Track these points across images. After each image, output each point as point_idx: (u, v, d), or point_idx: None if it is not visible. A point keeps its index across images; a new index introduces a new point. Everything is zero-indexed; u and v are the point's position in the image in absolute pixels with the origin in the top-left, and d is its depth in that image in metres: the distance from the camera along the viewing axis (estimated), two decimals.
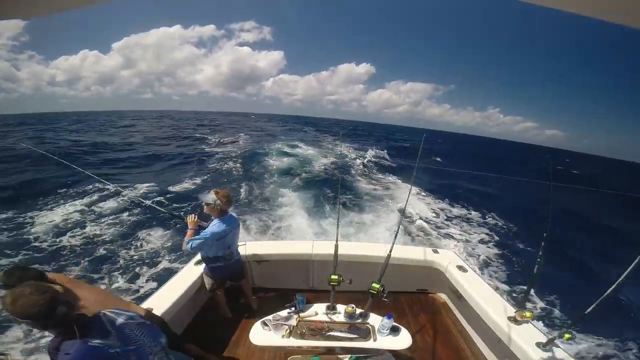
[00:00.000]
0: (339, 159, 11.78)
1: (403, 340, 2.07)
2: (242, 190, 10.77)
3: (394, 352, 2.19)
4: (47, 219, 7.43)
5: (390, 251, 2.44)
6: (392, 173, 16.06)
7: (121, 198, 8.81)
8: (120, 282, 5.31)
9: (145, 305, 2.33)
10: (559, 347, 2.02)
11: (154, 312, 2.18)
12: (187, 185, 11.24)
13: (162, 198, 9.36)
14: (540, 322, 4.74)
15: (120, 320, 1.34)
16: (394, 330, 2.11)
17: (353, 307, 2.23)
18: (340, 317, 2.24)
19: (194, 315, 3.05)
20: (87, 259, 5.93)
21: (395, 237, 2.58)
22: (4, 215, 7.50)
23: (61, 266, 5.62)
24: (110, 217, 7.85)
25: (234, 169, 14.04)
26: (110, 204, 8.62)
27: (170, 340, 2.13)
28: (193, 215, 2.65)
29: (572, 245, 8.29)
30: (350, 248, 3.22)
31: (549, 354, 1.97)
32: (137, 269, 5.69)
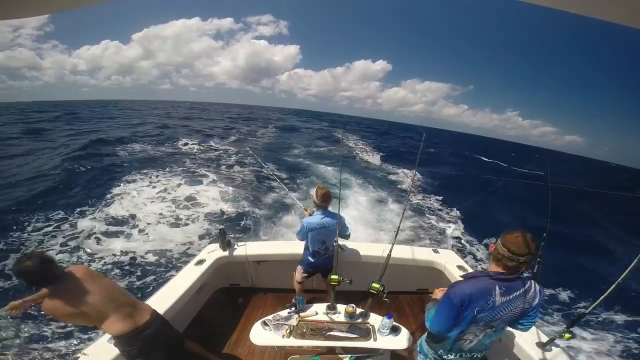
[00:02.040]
0: (341, 156, 11.71)
1: (403, 340, 2.07)
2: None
3: (394, 352, 2.19)
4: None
5: (391, 251, 2.44)
6: (392, 173, 16.06)
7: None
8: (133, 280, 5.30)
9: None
10: (559, 347, 2.02)
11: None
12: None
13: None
14: (540, 322, 4.74)
15: None
16: (394, 330, 2.11)
17: (353, 307, 2.23)
18: (340, 317, 2.24)
19: (195, 315, 3.05)
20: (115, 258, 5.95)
21: (396, 237, 2.59)
22: None
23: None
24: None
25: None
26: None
27: (171, 339, 2.13)
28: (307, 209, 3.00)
29: (572, 245, 8.29)
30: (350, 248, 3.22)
31: (549, 353, 1.97)
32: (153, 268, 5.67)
